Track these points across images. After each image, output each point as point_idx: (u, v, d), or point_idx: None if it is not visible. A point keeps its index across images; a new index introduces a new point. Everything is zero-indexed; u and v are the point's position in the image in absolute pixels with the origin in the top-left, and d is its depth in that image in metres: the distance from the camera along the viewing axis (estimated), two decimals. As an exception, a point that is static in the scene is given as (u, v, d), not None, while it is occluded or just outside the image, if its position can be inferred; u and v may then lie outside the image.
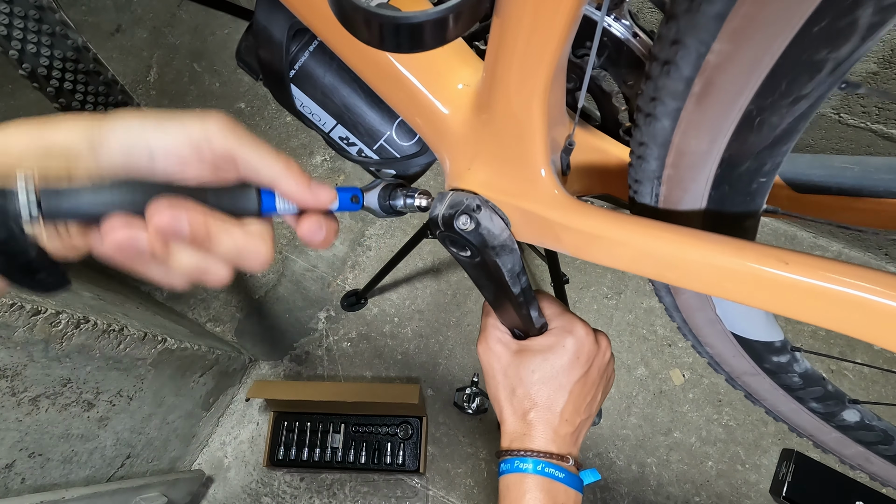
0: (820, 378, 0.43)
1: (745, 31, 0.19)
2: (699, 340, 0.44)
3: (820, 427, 0.47)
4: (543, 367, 0.40)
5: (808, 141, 0.95)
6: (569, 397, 0.40)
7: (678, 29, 0.20)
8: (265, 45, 0.36)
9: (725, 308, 0.38)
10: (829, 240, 1.14)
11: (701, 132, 0.24)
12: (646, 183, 0.29)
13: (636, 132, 0.26)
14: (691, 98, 0.22)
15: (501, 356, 0.42)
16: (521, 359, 0.41)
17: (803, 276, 0.23)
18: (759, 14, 0.18)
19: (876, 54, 0.74)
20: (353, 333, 1.16)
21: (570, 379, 0.40)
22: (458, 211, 0.33)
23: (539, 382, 0.40)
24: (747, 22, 0.18)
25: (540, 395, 0.40)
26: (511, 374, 0.42)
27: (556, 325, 0.42)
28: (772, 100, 0.21)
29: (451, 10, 0.21)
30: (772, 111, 0.21)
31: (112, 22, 1.45)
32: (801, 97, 0.20)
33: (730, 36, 0.19)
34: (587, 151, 0.35)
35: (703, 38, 0.20)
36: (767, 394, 0.47)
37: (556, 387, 0.40)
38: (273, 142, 1.30)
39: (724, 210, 0.28)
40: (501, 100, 0.29)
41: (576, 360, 0.41)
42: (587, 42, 0.32)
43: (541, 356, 0.41)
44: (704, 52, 0.20)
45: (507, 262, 0.35)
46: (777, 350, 0.41)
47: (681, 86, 0.22)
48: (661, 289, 0.40)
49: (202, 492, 1.05)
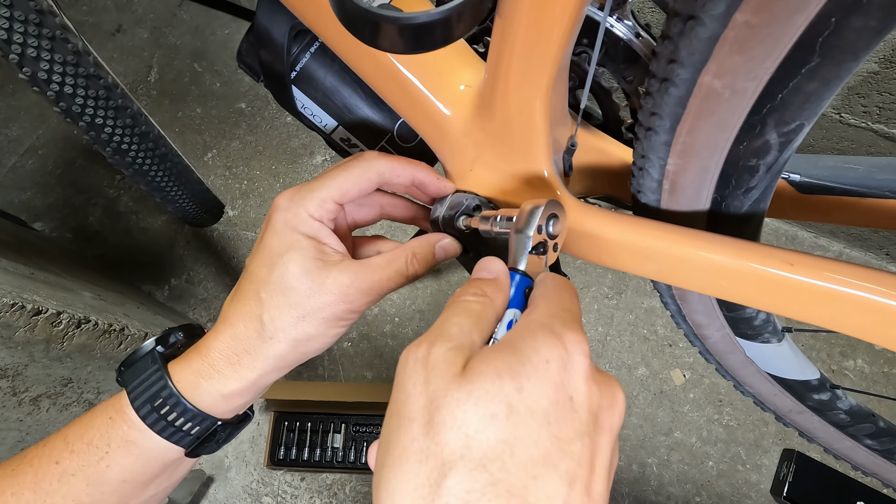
0: (869, 415, 0.42)
1: (689, 151, 0.25)
2: (738, 381, 0.44)
3: (884, 466, 0.46)
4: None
5: (809, 141, 0.95)
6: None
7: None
8: (266, 46, 0.36)
9: (754, 350, 0.38)
10: (830, 240, 1.13)
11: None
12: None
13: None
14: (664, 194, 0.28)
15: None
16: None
17: (808, 277, 0.23)
18: (695, 142, 0.25)
19: (876, 54, 0.74)
20: (353, 333, 1.15)
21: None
22: (459, 212, 0.33)
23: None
24: (690, 144, 0.25)
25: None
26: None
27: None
28: (728, 191, 0.27)
29: (454, 10, 0.21)
30: (731, 198, 0.27)
31: (113, 22, 1.44)
32: (751, 188, 0.26)
33: (679, 153, 0.26)
34: (589, 152, 0.35)
35: (661, 156, 0.26)
36: (820, 432, 0.46)
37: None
38: (273, 142, 1.29)
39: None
40: (503, 101, 0.29)
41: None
42: (583, 39, 0.32)
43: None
44: (663, 165, 0.26)
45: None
46: (815, 388, 0.40)
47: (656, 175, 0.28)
48: (690, 335, 0.40)
49: (203, 491, 1.05)
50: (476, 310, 0.24)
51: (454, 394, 0.19)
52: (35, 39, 0.49)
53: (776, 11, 0.18)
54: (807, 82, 0.20)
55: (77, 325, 0.73)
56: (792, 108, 0.21)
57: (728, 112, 0.22)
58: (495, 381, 0.20)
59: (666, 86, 0.23)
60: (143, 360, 0.32)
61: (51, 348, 0.70)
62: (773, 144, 0.23)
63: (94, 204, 1.26)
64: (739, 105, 0.22)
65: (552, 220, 0.27)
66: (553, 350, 0.21)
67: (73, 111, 0.57)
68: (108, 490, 0.30)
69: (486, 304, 0.25)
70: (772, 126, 0.22)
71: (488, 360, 0.20)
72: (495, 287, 0.25)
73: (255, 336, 0.30)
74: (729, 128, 0.23)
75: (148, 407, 0.30)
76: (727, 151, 0.24)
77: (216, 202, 1.04)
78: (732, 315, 0.36)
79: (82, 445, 0.30)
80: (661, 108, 0.24)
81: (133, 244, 1.23)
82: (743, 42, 0.19)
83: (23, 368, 0.69)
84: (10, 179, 1.28)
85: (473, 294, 0.25)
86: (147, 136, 0.69)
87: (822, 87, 0.20)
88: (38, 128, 1.32)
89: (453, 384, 0.20)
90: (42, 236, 1.23)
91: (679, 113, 0.23)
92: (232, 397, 0.31)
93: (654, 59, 0.23)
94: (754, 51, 0.19)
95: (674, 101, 0.23)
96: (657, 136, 0.25)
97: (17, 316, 0.64)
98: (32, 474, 0.29)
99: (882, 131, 0.84)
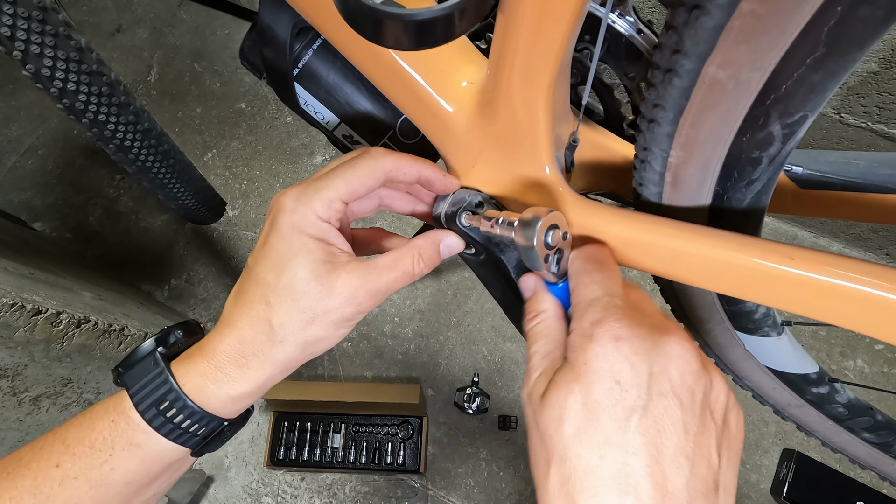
0: (866, 408, 0.42)
1: (692, 142, 0.25)
2: (738, 375, 0.44)
3: (881, 459, 0.46)
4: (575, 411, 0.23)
5: (809, 141, 0.95)
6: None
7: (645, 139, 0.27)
8: (269, 43, 0.36)
9: (754, 344, 0.38)
10: (830, 240, 1.14)
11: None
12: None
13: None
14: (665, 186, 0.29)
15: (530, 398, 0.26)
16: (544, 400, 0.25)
17: (809, 271, 0.23)
18: (699, 134, 0.24)
19: (876, 54, 0.74)
20: (353, 333, 1.15)
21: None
22: (461, 208, 0.33)
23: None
24: (693, 136, 0.25)
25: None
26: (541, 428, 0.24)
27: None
28: (730, 184, 0.27)
29: (456, 7, 0.21)
30: (733, 192, 0.27)
31: (113, 22, 1.45)
32: (753, 180, 0.26)
33: (682, 145, 0.25)
34: (591, 148, 0.35)
35: (663, 148, 0.26)
36: (818, 425, 0.46)
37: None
38: (273, 142, 1.30)
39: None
40: (505, 97, 0.29)
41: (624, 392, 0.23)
42: (585, 35, 0.32)
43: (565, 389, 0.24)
44: (666, 157, 0.27)
45: (511, 259, 0.35)
46: (814, 382, 0.41)
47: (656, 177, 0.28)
48: (690, 329, 0.41)
49: (203, 491, 1.05)
50: (539, 330, 0.28)
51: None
52: (38, 36, 0.49)
53: (782, 0, 0.18)
54: (812, 73, 0.20)
55: (77, 325, 0.73)
56: (796, 99, 0.21)
57: (732, 103, 0.22)
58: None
59: (670, 76, 0.22)
60: (145, 361, 0.31)
61: (51, 348, 0.70)
62: (777, 136, 0.23)
63: (94, 204, 1.26)
64: (743, 96, 0.22)
65: (551, 231, 0.27)
66: (621, 364, 0.23)
67: (76, 108, 0.57)
68: (112, 492, 0.30)
69: (544, 318, 0.29)
70: (775, 117, 0.22)
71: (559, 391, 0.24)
72: (540, 301, 0.29)
73: (263, 339, 0.30)
74: (732, 119, 0.23)
75: (154, 410, 0.30)
76: (730, 143, 0.24)
77: (218, 199, 1.04)
78: (732, 309, 0.36)
79: (84, 448, 0.29)
80: (664, 99, 0.23)
81: (133, 244, 1.23)
82: (748, 32, 0.19)
83: (23, 368, 0.69)
84: (10, 179, 1.28)
85: (530, 319, 0.29)
86: (150, 133, 0.69)
87: (827, 78, 0.20)
88: (37, 128, 1.32)
89: (540, 408, 0.24)
90: (42, 236, 1.22)
91: (683, 104, 0.23)
92: (240, 399, 0.31)
93: (658, 50, 0.23)
94: (759, 41, 0.19)
95: (678, 92, 0.23)
96: (660, 128, 0.25)
97: (17, 316, 0.64)
98: (31, 478, 0.29)
99: (882, 131, 0.84)
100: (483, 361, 1.10)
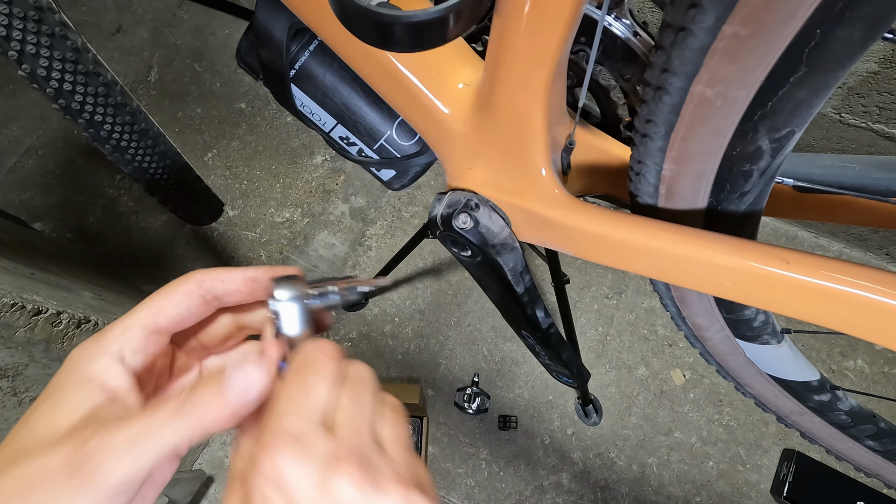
0: (870, 415, 0.42)
1: (684, 156, 0.26)
2: (739, 383, 0.44)
3: (885, 467, 0.46)
4: None
5: (809, 141, 0.95)
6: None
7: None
8: (265, 44, 0.36)
9: (754, 351, 0.38)
10: (830, 240, 1.13)
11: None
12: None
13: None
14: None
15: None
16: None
17: (805, 275, 0.23)
18: (690, 148, 0.25)
19: (876, 54, 0.74)
20: (353, 333, 1.15)
21: None
22: (457, 210, 0.33)
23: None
24: (684, 150, 0.26)
25: None
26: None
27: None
28: (723, 195, 0.27)
29: (452, 9, 0.21)
30: (727, 203, 0.28)
31: (113, 22, 1.45)
32: (746, 192, 0.27)
33: (674, 158, 0.26)
34: (588, 151, 0.35)
35: (657, 161, 0.27)
36: (821, 433, 0.46)
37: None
38: (273, 142, 1.29)
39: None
40: (502, 99, 0.29)
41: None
42: (581, 37, 0.32)
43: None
44: (660, 170, 0.27)
45: (508, 261, 0.35)
46: (816, 389, 0.41)
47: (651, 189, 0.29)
48: (690, 337, 0.40)
49: (203, 491, 1.05)
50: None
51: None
52: (34, 36, 0.49)
53: (764, 23, 0.18)
54: (796, 91, 0.21)
55: (77, 325, 0.73)
56: (782, 115, 0.22)
57: (721, 119, 0.23)
58: None
59: (660, 94, 0.23)
60: None
61: (51, 348, 0.70)
62: (766, 150, 0.24)
63: (94, 204, 1.26)
64: (731, 112, 0.22)
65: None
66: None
67: (72, 108, 0.57)
68: None
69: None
70: (763, 132, 0.23)
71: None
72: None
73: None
74: (722, 134, 0.24)
75: None
76: (721, 157, 0.25)
77: (216, 200, 1.04)
78: (732, 316, 0.36)
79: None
80: (655, 115, 0.24)
81: (133, 244, 1.23)
82: (732, 52, 0.20)
83: (23, 368, 0.69)
84: (10, 179, 1.28)
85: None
86: (146, 134, 0.69)
87: (811, 95, 0.21)
88: (38, 128, 1.32)
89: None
90: (42, 236, 1.23)
91: (673, 120, 0.24)
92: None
93: (649, 69, 0.23)
94: (744, 61, 0.20)
95: (668, 108, 0.24)
96: (653, 142, 0.26)
97: (17, 316, 0.64)
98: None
99: (882, 131, 0.84)
100: (483, 361, 1.10)
